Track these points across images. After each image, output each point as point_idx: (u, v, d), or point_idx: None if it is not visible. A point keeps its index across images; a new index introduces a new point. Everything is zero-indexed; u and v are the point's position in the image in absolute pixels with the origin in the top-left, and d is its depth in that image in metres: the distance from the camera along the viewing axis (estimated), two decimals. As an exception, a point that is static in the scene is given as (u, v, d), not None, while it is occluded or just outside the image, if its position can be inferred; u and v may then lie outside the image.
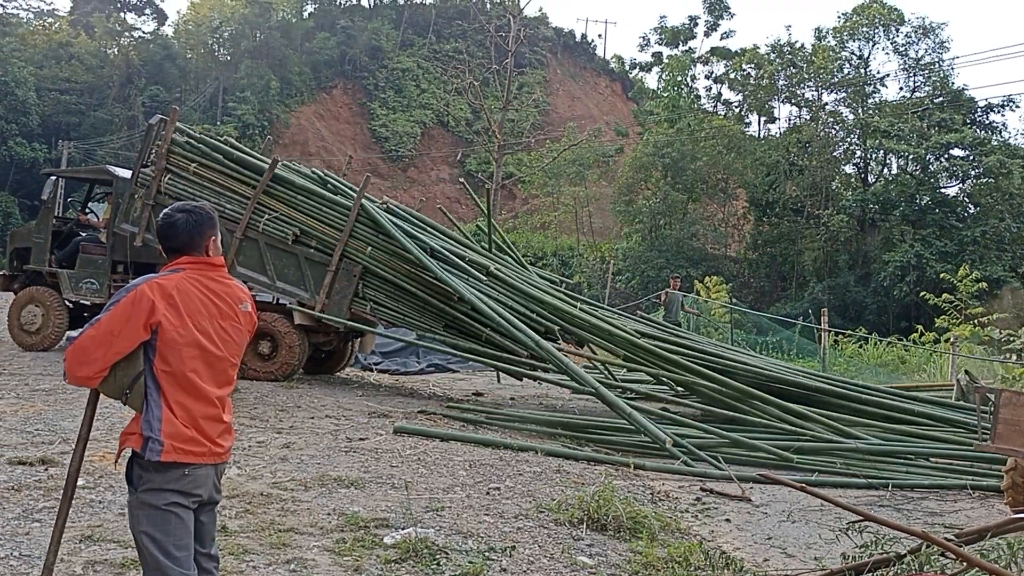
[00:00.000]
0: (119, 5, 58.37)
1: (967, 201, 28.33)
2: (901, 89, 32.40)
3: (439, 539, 4.67)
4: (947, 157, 27.84)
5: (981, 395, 6.90)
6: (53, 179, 12.56)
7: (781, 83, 34.81)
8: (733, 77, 36.13)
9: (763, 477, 6.10)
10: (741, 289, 30.53)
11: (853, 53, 32.43)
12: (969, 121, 28.79)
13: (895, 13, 31.50)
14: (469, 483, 6.15)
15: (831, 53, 32.65)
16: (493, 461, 6.95)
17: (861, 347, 19.92)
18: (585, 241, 38.61)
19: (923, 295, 21.63)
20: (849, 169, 32.86)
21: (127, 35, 56.27)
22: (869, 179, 31.42)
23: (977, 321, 17.75)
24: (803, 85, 34.31)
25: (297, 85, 55.42)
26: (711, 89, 38.19)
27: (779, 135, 35.52)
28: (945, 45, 31.73)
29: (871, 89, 32.10)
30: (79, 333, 2.73)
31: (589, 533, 5.08)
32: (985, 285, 20.93)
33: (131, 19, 58.52)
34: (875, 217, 28.85)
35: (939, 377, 15.02)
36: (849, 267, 29.34)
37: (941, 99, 29.49)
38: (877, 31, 31.63)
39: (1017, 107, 51.43)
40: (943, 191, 28.22)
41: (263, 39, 55.86)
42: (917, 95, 30.93)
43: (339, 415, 8.57)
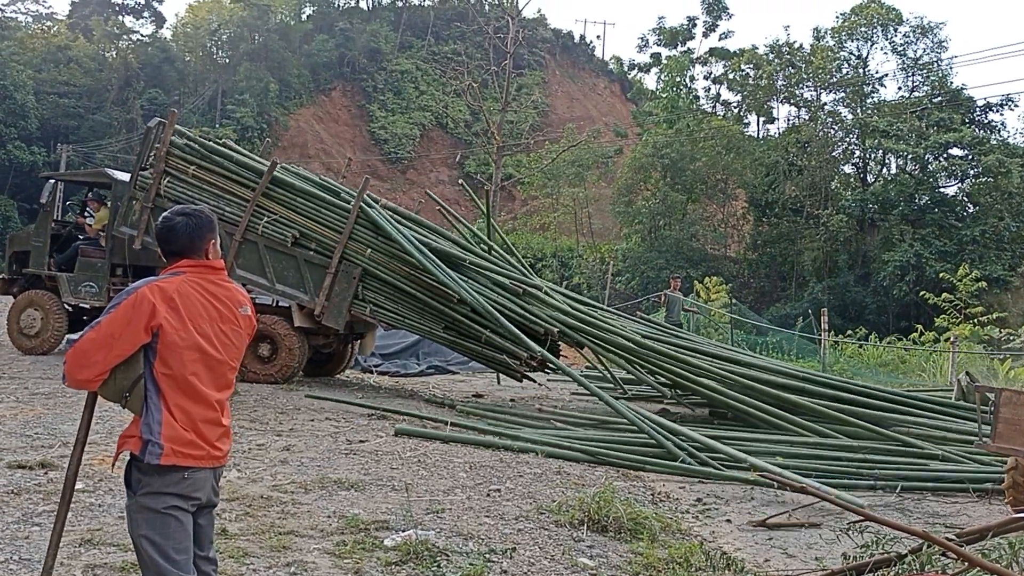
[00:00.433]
0: (117, 8, 58.44)
1: (966, 200, 28.30)
2: (900, 89, 32.41)
3: (440, 541, 4.67)
4: (946, 156, 27.80)
5: (981, 395, 6.89)
6: (52, 183, 12.60)
7: (780, 83, 34.77)
8: (732, 77, 36.09)
9: (763, 477, 6.09)
10: (741, 289, 30.48)
11: (852, 53, 32.43)
12: (968, 120, 28.76)
13: (893, 13, 31.49)
14: (469, 485, 6.14)
15: (830, 53, 32.63)
16: (493, 463, 6.95)
17: (861, 347, 19.92)
18: (585, 242, 38.58)
19: (923, 295, 21.65)
20: (848, 169, 32.84)
21: (125, 38, 56.33)
22: (868, 179, 31.39)
23: (977, 320, 17.77)
24: (802, 85, 34.29)
25: (296, 87, 55.42)
26: (710, 90, 38.21)
27: (778, 135, 35.51)
28: (943, 45, 31.78)
29: (870, 89, 32.11)
30: (79, 336, 2.72)
31: (590, 534, 5.08)
32: (985, 284, 20.94)
33: (129, 22, 58.72)
34: (874, 217, 28.84)
35: (939, 376, 15.02)
36: (849, 267, 29.31)
37: (940, 99, 29.46)
38: (875, 31, 31.62)
39: (1016, 106, 51.56)
40: (942, 190, 28.19)
41: (261, 42, 55.90)
42: (916, 95, 30.90)
43: (339, 417, 8.57)
